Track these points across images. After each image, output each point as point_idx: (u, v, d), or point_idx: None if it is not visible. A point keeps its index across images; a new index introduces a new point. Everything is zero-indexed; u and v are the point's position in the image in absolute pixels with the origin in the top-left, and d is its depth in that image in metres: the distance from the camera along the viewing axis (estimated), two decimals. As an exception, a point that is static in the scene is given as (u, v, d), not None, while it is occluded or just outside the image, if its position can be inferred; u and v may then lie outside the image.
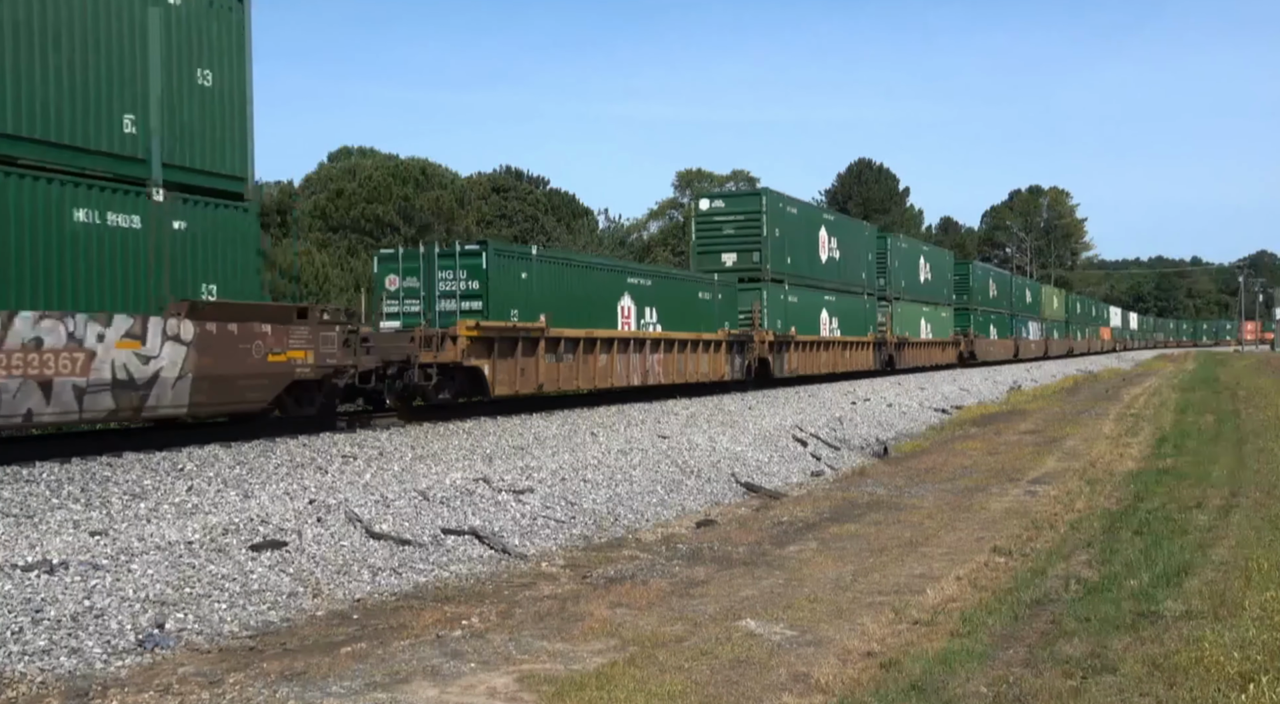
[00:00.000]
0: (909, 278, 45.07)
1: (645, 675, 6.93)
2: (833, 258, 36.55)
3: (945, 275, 51.44)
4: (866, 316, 39.18)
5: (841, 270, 37.17)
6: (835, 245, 36.75)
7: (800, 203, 34.79)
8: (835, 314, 36.17)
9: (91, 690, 6.61)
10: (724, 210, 32.09)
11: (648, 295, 25.44)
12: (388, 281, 20.67)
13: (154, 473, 11.74)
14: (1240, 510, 12.66)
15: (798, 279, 33.33)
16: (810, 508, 14.31)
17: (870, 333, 39.13)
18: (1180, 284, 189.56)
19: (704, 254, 31.78)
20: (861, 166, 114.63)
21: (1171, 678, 6.65)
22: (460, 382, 19.44)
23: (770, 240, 31.45)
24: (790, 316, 32.31)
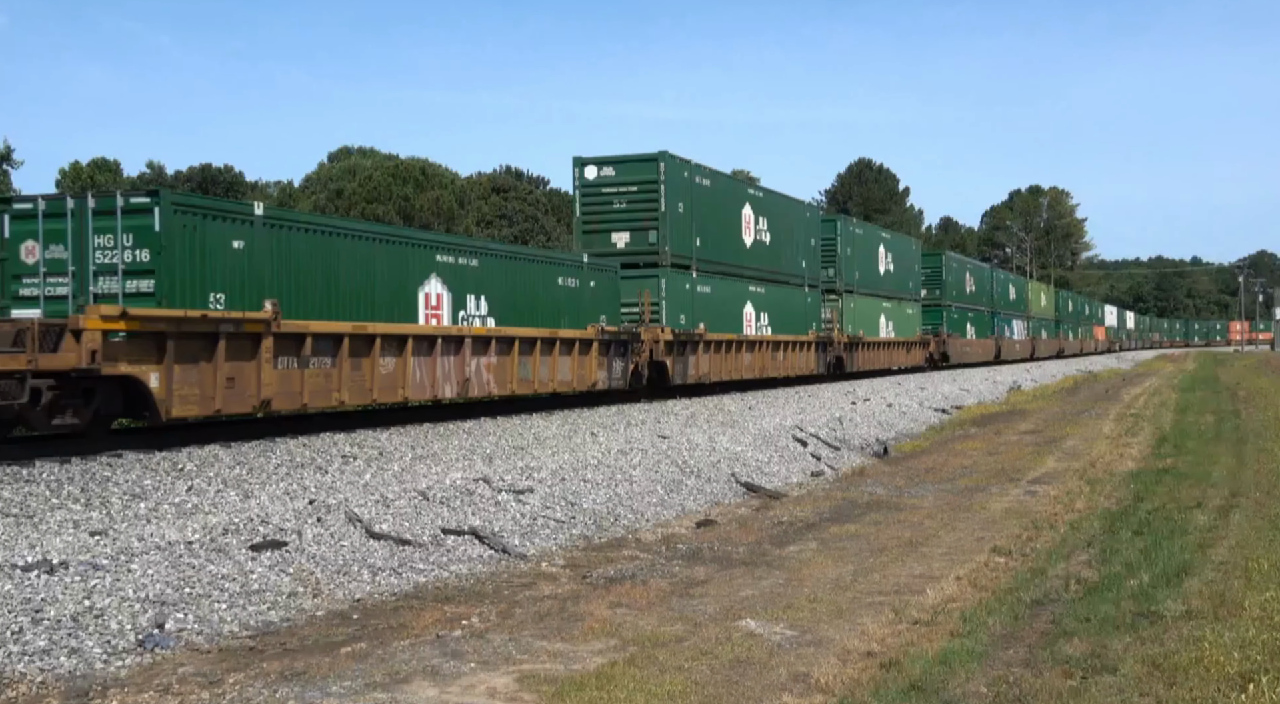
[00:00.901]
0: (865, 269, 39.54)
1: (645, 675, 6.93)
2: (761, 241, 30.55)
3: (912, 267, 45.79)
4: (807, 312, 33.62)
5: (774, 257, 31.32)
6: (765, 227, 30.75)
7: (716, 173, 28.36)
8: (764, 309, 30.40)
9: (91, 690, 6.61)
10: (614, 180, 25.58)
11: (471, 280, 19.15)
12: (23, 250, 14.19)
13: (154, 473, 11.74)
14: (1240, 510, 12.67)
15: (711, 265, 27.50)
16: (810, 508, 14.31)
17: (812, 331, 33.62)
18: (1180, 284, 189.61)
19: (591, 233, 25.62)
20: (861, 166, 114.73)
21: (1171, 678, 6.65)
22: (105, 399, 13.23)
23: (671, 217, 25.35)
24: (700, 311, 26.48)
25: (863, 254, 39.65)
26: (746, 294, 29.72)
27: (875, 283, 40.58)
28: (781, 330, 31.69)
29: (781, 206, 32.87)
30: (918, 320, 45.82)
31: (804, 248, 34.03)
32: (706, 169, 27.69)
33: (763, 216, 30.95)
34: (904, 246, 45.91)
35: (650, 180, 25.43)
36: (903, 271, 44.25)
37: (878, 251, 41.62)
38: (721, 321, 27.76)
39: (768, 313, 30.84)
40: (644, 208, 25.33)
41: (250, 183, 79.10)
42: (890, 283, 42.42)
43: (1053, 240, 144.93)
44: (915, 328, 45.24)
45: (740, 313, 29.27)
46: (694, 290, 26.56)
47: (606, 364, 22.85)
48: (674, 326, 25.14)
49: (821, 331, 34.64)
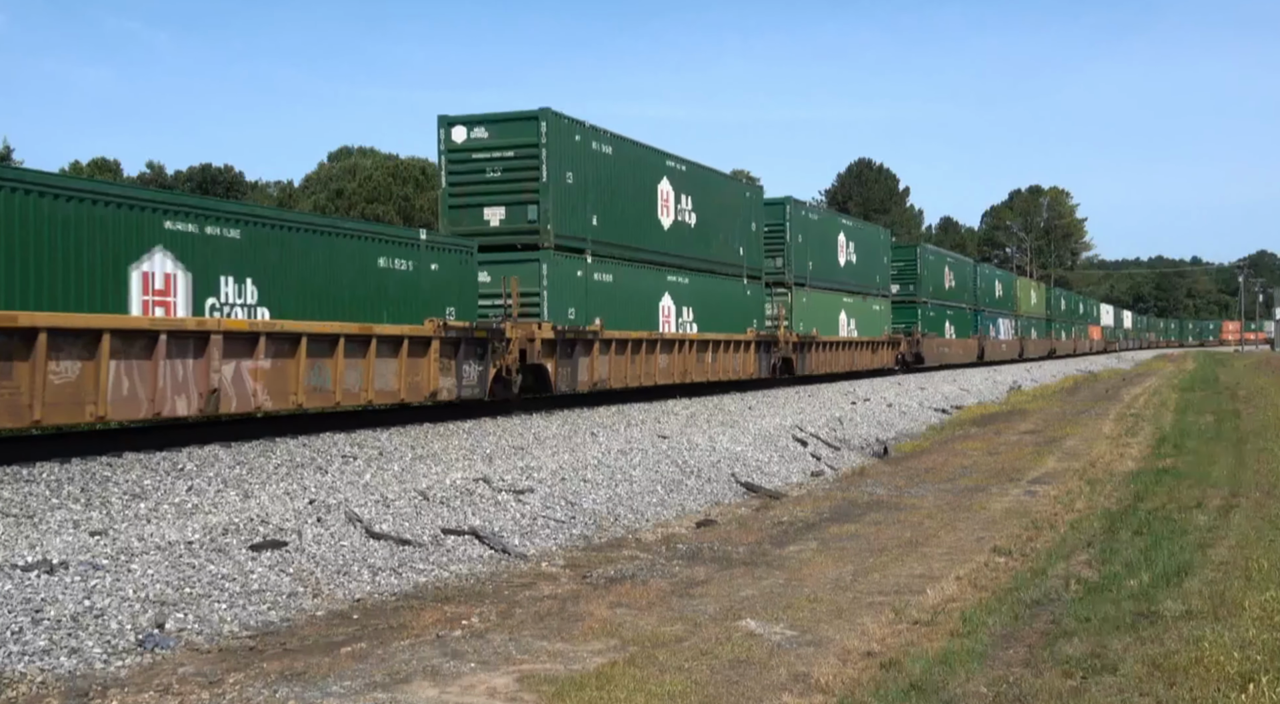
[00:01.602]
0: (822, 259, 34.60)
1: (645, 675, 6.93)
2: (683, 223, 25.78)
3: (879, 260, 40.75)
4: (746, 307, 28.96)
5: (701, 242, 26.60)
6: (688, 206, 25.93)
7: (620, 140, 23.22)
8: (688, 302, 25.73)
9: (91, 690, 6.61)
10: (487, 143, 20.90)
11: (228, 256, 14.32)
12: None
13: (154, 473, 11.73)
14: (1240, 510, 12.66)
15: (613, 249, 22.73)
16: (810, 508, 14.31)
17: (752, 329, 28.71)
18: (1180, 284, 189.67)
19: (460, 209, 20.97)
20: (861, 166, 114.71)
21: (1171, 678, 6.64)
22: None
23: (557, 189, 20.73)
24: (597, 303, 21.95)
25: (818, 243, 34.62)
26: (664, 285, 24.59)
27: (834, 275, 35.64)
28: (711, 328, 26.63)
29: (712, 183, 27.43)
30: (886, 318, 40.91)
31: (743, 233, 28.95)
32: (608, 134, 22.51)
33: (686, 194, 25.75)
34: (869, 236, 40.75)
35: (529, 144, 20.42)
36: (868, 264, 39.22)
37: (837, 240, 36.44)
38: (628, 317, 22.91)
39: (692, 307, 25.83)
40: (523, 177, 20.50)
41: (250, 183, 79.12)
42: (852, 276, 37.37)
43: (1053, 240, 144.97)
44: (883, 326, 40.28)
45: (655, 307, 24.20)
46: (589, 279, 21.74)
47: (454, 368, 17.82)
48: (559, 322, 20.33)
49: (764, 330, 29.65)
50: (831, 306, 35.30)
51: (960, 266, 53.94)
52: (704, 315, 26.53)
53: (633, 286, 23.49)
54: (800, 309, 32.53)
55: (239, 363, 14.07)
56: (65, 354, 11.96)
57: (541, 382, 20.49)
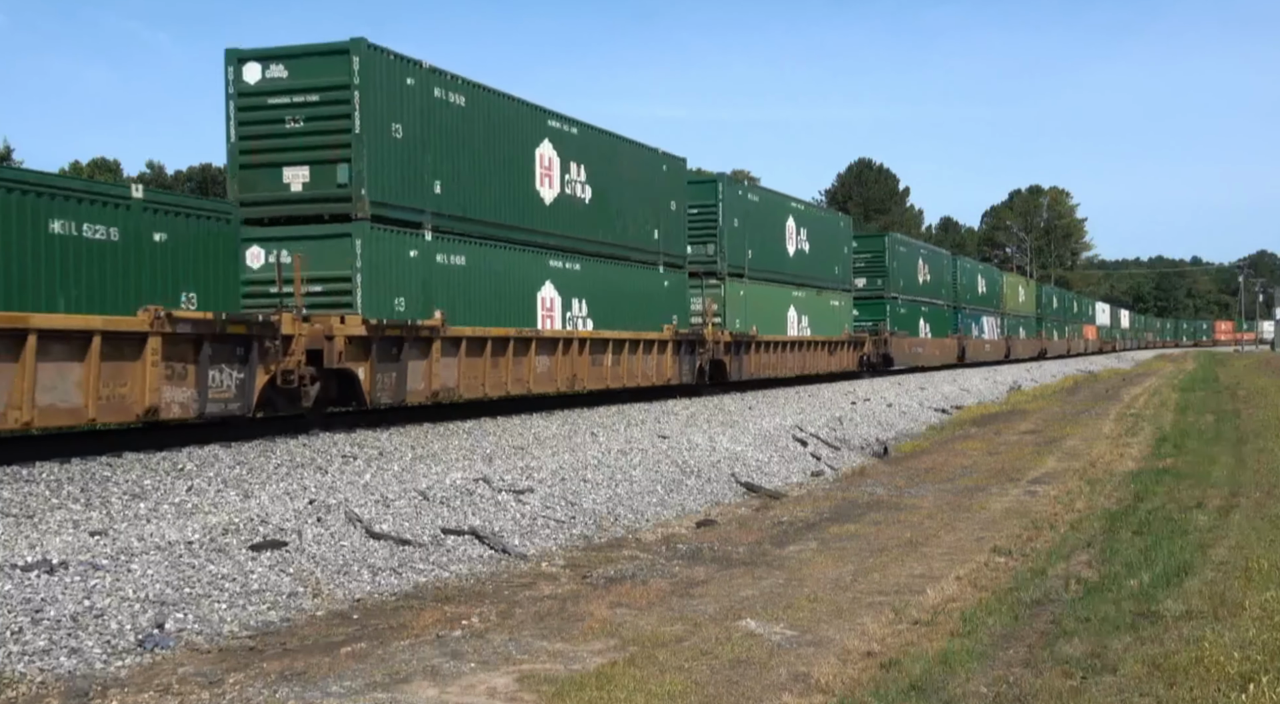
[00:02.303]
0: (766, 248, 30.29)
1: (645, 675, 6.93)
2: (571, 198, 21.05)
3: (838, 250, 36.41)
4: (663, 301, 24.44)
5: (597, 221, 21.86)
6: (579, 178, 21.37)
7: (478, 88, 18.46)
8: (579, 293, 21.17)
9: (91, 690, 6.61)
10: (287, 84, 16.08)
11: None
12: None
13: (154, 473, 11.73)
14: (1240, 510, 12.66)
15: (468, 226, 18.06)
16: (810, 508, 14.31)
17: (669, 327, 24.31)
18: (1180, 284, 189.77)
19: (253, 168, 16.25)
20: (861, 166, 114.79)
21: (1171, 678, 6.64)
22: None
23: (378, 144, 16.03)
24: (440, 292, 17.25)
25: (760, 228, 29.99)
26: (544, 272, 20.21)
27: (781, 266, 31.28)
28: (613, 324, 22.19)
29: (615, 152, 22.82)
30: (847, 315, 36.74)
31: (659, 213, 24.49)
32: (460, 80, 17.99)
33: (578, 163, 21.29)
34: (826, 223, 36.07)
35: (339, 86, 15.83)
36: (824, 254, 34.70)
37: (785, 226, 31.79)
38: (491, 309, 18.50)
39: (586, 299, 21.44)
40: (331, 129, 15.89)
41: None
42: (804, 267, 32.98)
43: (1053, 240, 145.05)
44: (844, 324, 36.16)
45: (532, 298, 19.72)
46: (429, 261, 17.14)
47: (192, 376, 13.32)
48: (380, 314, 15.89)
49: (689, 328, 25.48)
50: (777, 301, 30.91)
51: (936, 259, 49.78)
52: (602, 309, 21.93)
53: (498, 273, 18.74)
54: (737, 304, 28.18)
55: None
56: None
57: (351, 392, 15.82)
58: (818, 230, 34.50)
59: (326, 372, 15.16)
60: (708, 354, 26.14)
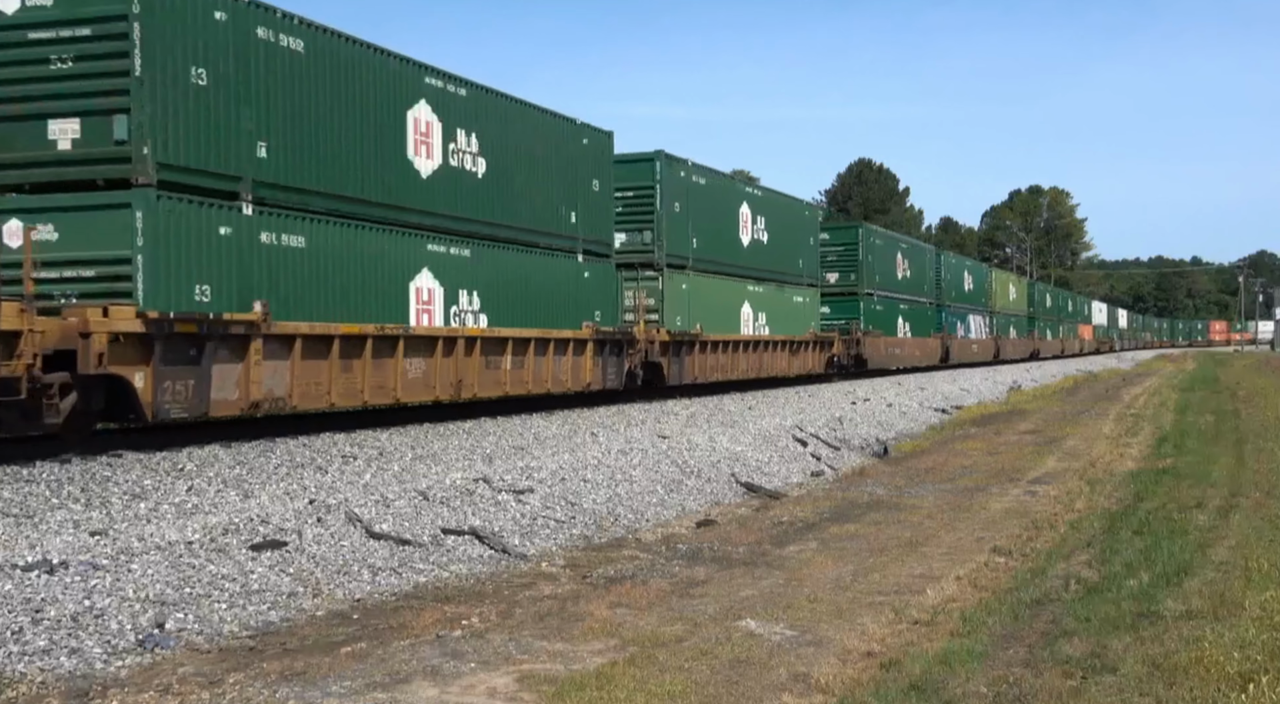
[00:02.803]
0: (715, 236, 27.21)
1: (645, 675, 6.93)
2: (459, 171, 18.06)
3: (803, 241, 33.27)
4: (582, 295, 21.45)
5: (490, 200, 18.85)
6: (469, 148, 18.29)
7: (322, 32, 15.36)
8: (470, 286, 18.22)
9: (91, 690, 6.61)
10: (52, 15, 12.93)
11: None
12: None
13: (154, 473, 11.73)
14: (1240, 511, 12.67)
15: (303, 198, 14.90)
16: (810, 508, 14.32)
17: (590, 324, 21.40)
18: (1180, 284, 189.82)
19: (9, 121, 13.05)
20: (861, 166, 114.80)
21: (1171, 678, 6.65)
22: None
23: (171, 92, 13.00)
24: (258, 278, 14.04)
25: (708, 214, 26.91)
26: (419, 257, 17.01)
27: (733, 257, 28.41)
28: (514, 321, 19.15)
29: (518, 122, 19.63)
30: (813, 313, 33.70)
31: (579, 194, 21.47)
32: (294, 19, 14.78)
33: (466, 131, 18.15)
34: (788, 211, 32.63)
35: (114, 16, 12.69)
36: (786, 245, 31.75)
37: (738, 213, 28.80)
38: (337, 301, 15.27)
39: (478, 292, 18.38)
40: (105, 70, 12.73)
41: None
42: (762, 259, 30.07)
43: (1053, 240, 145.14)
44: (809, 323, 33.26)
45: (402, 289, 16.64)
46: (247, 241, 13.83)
47: None
48: (183, 308, 12.93)
49: (615, 325, 22.51)
50: (728, 297, 27.91)
51: (917, 254, 46.61)
52: (501, 303, 18.95)
53: (354, 258, 15.69)
54: (678, 299, 25.09)
55: None
56: None
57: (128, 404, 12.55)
58: (778, 218, 31.22)
59: (86, 379, 11.97)
60: (639, 356, 23.03)
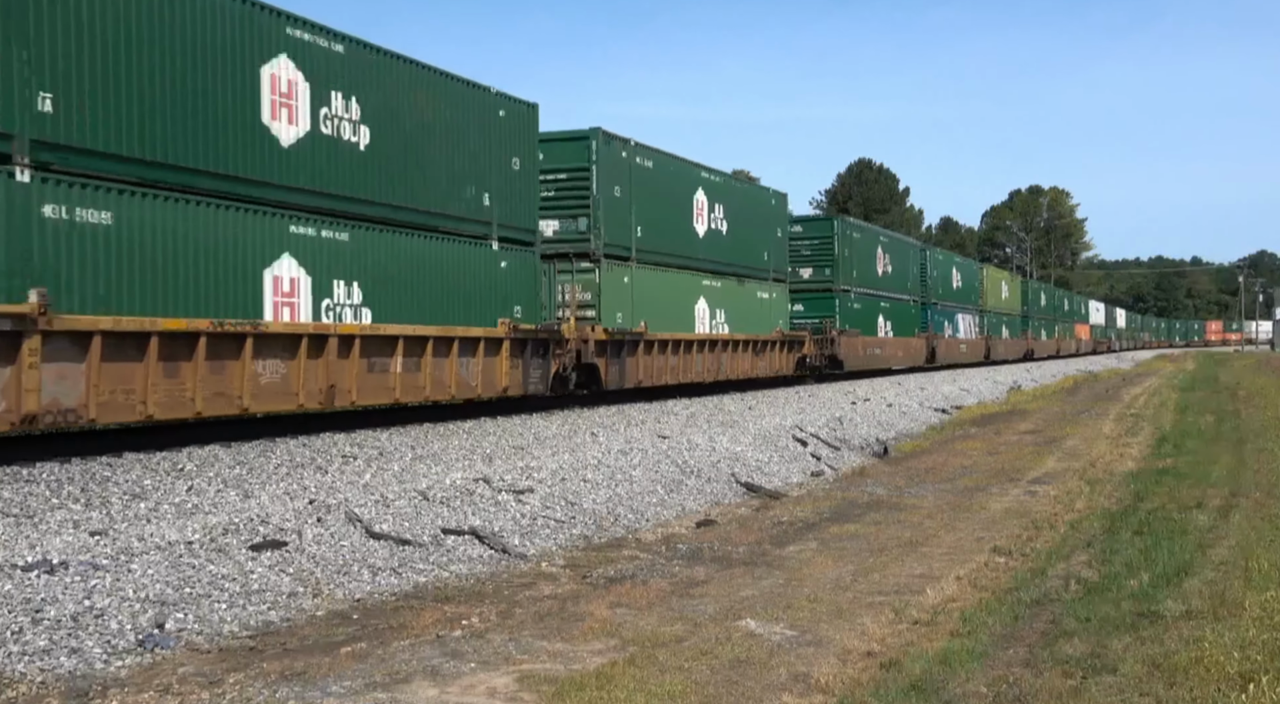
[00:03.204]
0: (663, 226, 24.69)
1: (645, 675, 6.93)
2: (335, 140, 15.57)
3: (768, 232, 30.83)
4: (499, 288, 18.82)
5: (381, 177, 16.35)
6: (349, 115, 15.73)
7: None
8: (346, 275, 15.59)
9: (91, 690, 6.61)
10: None
11: None
12: None
13: (154, 473, 11.73)
14: (1240, 510, 12.67)
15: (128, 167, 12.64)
16: (810, 508, 14.31)
17: (506, 321, 18.76)
18: (1180, 284, 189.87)
19: None
20: (861, 166, 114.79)
21: (1171, 678, 6.65)
22: None
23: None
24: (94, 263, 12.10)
25: (656, 200, 24.25)
26: (279, 240, 14.41)
27: (686, 249, 25.92)
28: (411, 316, 16.64)
29: (413, 86, 16.98)
30: (781, 310, 31.49)
31: (494, 173, 18.78)
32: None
33: (343, 95, 15.53)
34: (751, 199, 30.27)
35: None
36: (749, 236, 29.39)
37: (692, 200, 26.19)
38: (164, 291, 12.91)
39: (358, 282, 15.68)
40: None
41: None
42: (720, 251, 27.67)
43: (1053, 240, 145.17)
44: (776, 321, 30.95)
45: (258, 276, 14.16)
46: (21, 214, 11.40)
47: None
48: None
49: (538, 323, 19.85)
50: (680, 292, 25.41)
51: (900, 249, 44.10)
52: (390, 297, 16.31)
53: (169, 237, 12.93)
54: (619, 294, 22.62)
55: None
56: None
57: None
58: (740, 207, 28.71)
59: None
60: (569, 357, 20.57)
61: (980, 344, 55.35)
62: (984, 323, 56.81)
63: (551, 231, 21.81)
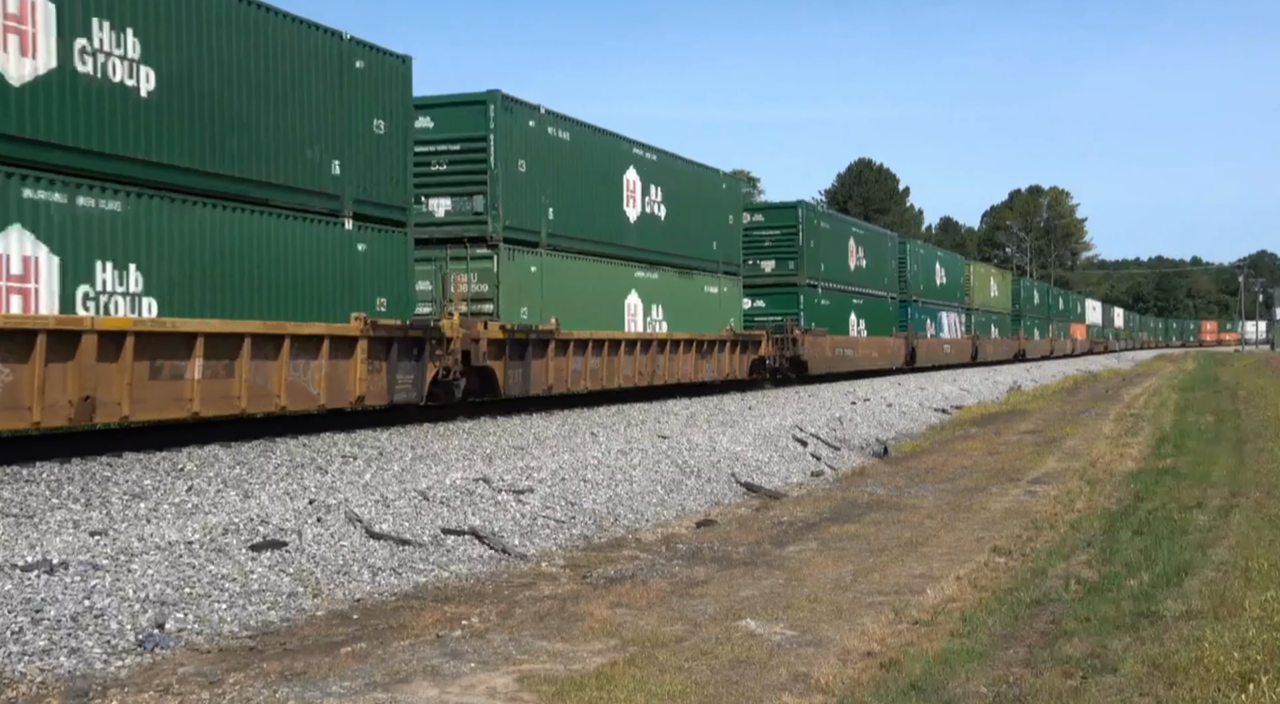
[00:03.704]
0: (581, 208, 21.45)
1: (645, 675, 6.93)
2: (101, 81, 12.18)
3: (719, 219, 27.75)
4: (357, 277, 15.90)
5: (175, 133, 13.10)
6: (126, 49, 12.49)
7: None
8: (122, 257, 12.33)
9: (91, 690, 6.61)
10: None
11: None
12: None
13: (154, 473, 11.73)
14: (1240, 510, 12.67)
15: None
16: (810, 508, 14.31)
17: (361, 317, 15.70)
18: (1180, 284, 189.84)
19: None
20: (861, 166, 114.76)
21: (1171, 678, 6.65)
22: None
23: None
24: None
25: (572, 179, 21.01)
26: (7, 209, 11.20)
27: (614, 235, 22.59)
28: (222, 309, 13.59)
29: (222, 20, 13.71)
30: (733, 306, 28.35)
31: (347, 137, 15.79)
32: None
33: (111, 25, 12.33)
34: (696, 181, 26.59)
35: None
36: (693, 223, 26.08)
37: (621, 180, 22.75)
38: None
39: (138, 266, 12.56)
40: None
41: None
42: (657, 239, 24.28)
43: (1053, 240, 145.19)
44: (727, 318, 27.89)
45: None
46: None
47: None
48: None
49: (407, 318, 16.74)
50: (606, 285, 22.20)
51: (876, 241, 41.00)
52: (185, 283, 13.15)
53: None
54: (525, 285, 19.39)
55: None
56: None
57: None
58: (682, 190, 25.31)
59: None
60: (452, 358, 17.19)
61: (966, 344, 52.49)
62: (971, 322, 54.11)
63: (443, 212, 18.88)
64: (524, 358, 19.06)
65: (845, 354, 35.65)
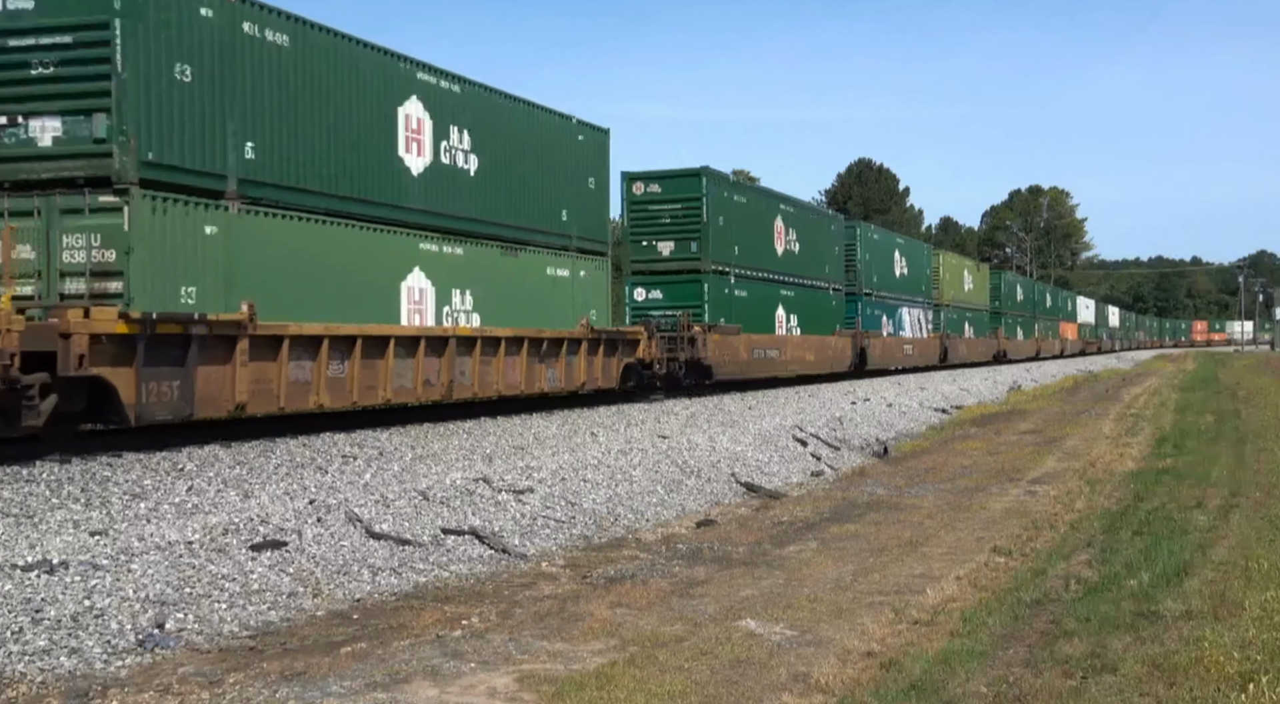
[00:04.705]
0: (322, 151, 15.32)
1: (645, 675, 6.93)
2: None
3: (573, 181, 21.62)
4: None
5: None
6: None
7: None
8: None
9: (91, 690, 6.61)
10: None
11: None
12: None
13: (154, 473, 11.73)
14: (1240, 510, 12.67)
15: None
16: (810, 508, 14.31)
17: None
18: (1180, 284, 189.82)
19: None
20: (861, 166, 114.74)
21: (1171, 678, 6.65)
22: None
23: None
24: None
25: (289, 99, 14.73)
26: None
27: (382, 191, 16.60)
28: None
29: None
30: (593, 294, 22.27)
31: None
32: None
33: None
34: (528, 125, 20.26)
35: None
36: (523, 184, 20.01)
37: (395, 116, 16.76)
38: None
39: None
40: None
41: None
42: (456, 202, 18.23)
43: (1053, 240, 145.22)
44: (584, 310, 21.71)
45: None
46: None
47: None
48: None
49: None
50: (365, 261, 16.16)
51: (812, 223, 34.18)
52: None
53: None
54: (186, 252, 13.18)
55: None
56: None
57: None
58: (506, 136, 19.49)
59: None
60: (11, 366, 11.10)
61: (933, 344, 46.09)
62: (939, 319, 47.79)
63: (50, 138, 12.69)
64: (183, 364, 12.95)
65: (770, 356, 29.77)
